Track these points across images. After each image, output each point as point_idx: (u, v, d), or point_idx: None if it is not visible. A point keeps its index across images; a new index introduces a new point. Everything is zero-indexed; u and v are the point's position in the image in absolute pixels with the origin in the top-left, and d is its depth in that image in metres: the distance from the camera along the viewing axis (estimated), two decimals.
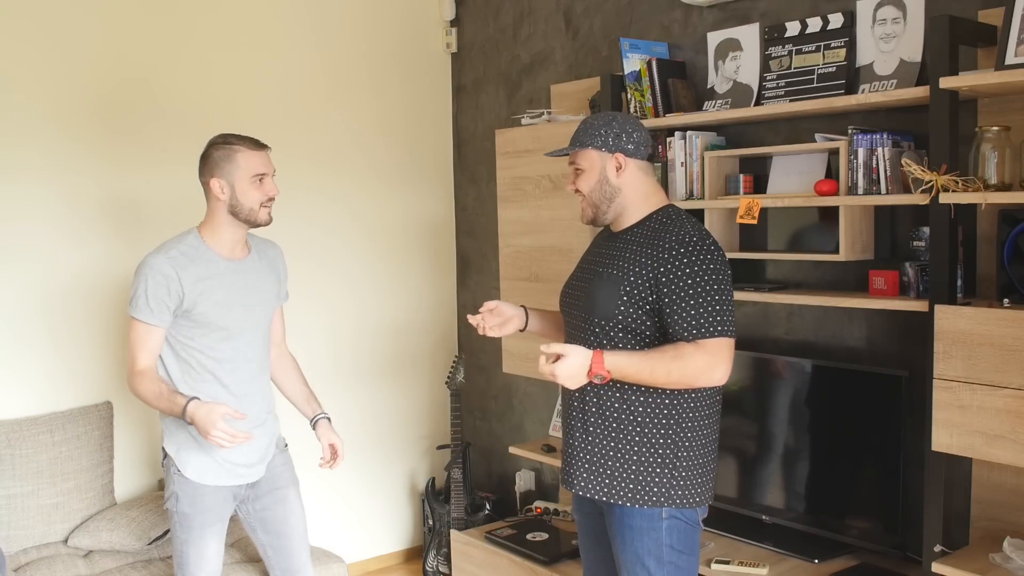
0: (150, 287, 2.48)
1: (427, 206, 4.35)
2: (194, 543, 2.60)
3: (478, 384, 4.37)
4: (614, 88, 3.26)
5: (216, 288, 2.56)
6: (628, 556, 2.17)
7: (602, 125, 2.20)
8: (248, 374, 2.65)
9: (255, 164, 2.56)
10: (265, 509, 2.75)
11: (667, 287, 2.08)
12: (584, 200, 2.25)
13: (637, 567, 2.16)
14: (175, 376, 2.56)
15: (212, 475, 2.59)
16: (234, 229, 2.60)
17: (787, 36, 2.83)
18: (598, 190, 2.21)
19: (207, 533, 2.61)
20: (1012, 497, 2.46)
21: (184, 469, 2.58)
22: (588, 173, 2.21)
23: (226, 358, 2.60)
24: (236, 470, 2.63)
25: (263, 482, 2.73)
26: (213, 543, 2.64)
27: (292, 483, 2.80)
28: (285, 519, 2.76)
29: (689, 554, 2.19)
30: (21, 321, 3.29)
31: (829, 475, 2.84)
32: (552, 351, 2.02)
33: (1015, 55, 2.19)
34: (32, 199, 3.29)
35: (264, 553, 2.81)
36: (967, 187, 2.25)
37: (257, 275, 2.68)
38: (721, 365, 2.06)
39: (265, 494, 2.73)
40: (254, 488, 2.73)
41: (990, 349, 2.17)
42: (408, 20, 4.23)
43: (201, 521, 2.60)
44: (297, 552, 2.79)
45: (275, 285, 2.76)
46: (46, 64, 3.29)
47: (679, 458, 2.15)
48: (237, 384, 2.63)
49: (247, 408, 2.60)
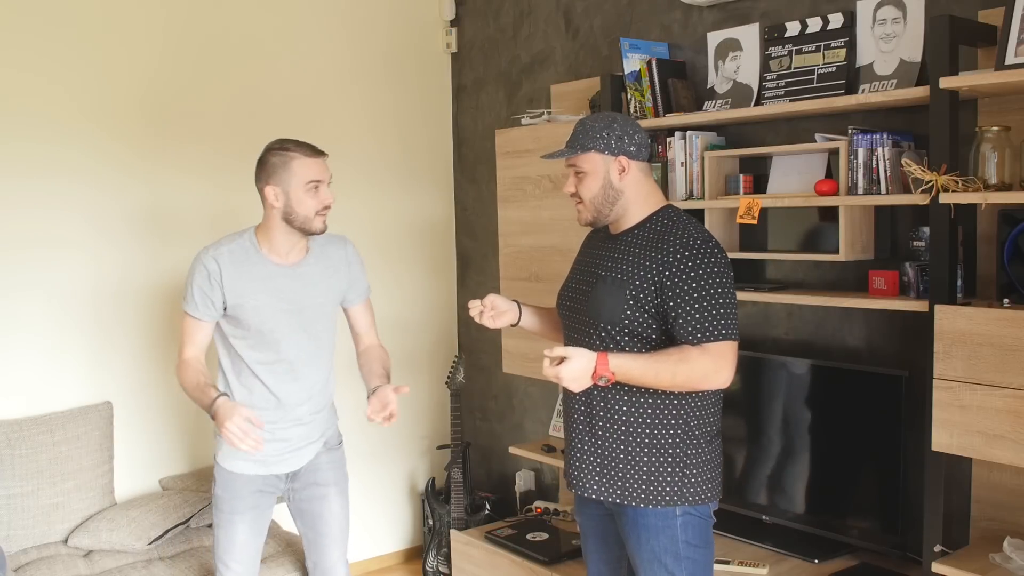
0: (196, 281, 2.56)
1: (427, 206, 4.34)
2: (224, 527, 2.67)
3: (478, 384, 4.37)
4: (614, 88, 3.26)
5: (258, 292, 2.57)
6: (645, 555, 2.18)
7: (603, 127, 2.17)
8: (290, 375, 2.64)
9: (311, 171, 2.53)
10: (303, 502, 2.77)
11: (672, 291, 2.07)
12: (583, 203, 2.23)
13: (655, 565, 2.16)
14: (227, 371, 2.65)
15: (241, 464, 2.65)
16: (288, 235, 2.59)
17: (787, 36, 2.83)
18: (601, 194, 2.19)
19: (236, 519, 2.66)
20: (1012, 497, 2.46)
21: (218, 454, 2.67)
22: (591, 176, 2.19)
23: (266, 360, 2.62)
24: (266, 459, 2.66)
25: (304, 474, 2.74)
26: (242, 531, 2.67)
27: (335, 482, 2.78)
28: (321, 516, 2.77)
29: (705, 548, 2.20)
30: (21, 321, 3.29)
31: (829, 475, 2.84)
32: (556, 354, 2.01)
33: (1015, 55, 2.19)
34: (32, 197, 3.29)
35: (304, 541, 2.85)
36: (967, 187, 2.25)
37: (310, 279, 2.65)
38: (726, 368, 2.06)
39: (305, 487, 2.75)
40: (294, 480, 2.75)
41: (990, 349, 2.17)
42: (408, 20, 4.23)
43: (231, 507, 2.66)
44: (329, 550, 2.80)
45: (336, 285, 2.71)
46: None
47: (689, 456, 2.15)
48: (278, 384, 2.63)
49: (290, 409, 2.65)
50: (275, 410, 2.64)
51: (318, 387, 2.72)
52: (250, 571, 2.73)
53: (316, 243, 2.70)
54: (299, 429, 2.69)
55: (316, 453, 2.75)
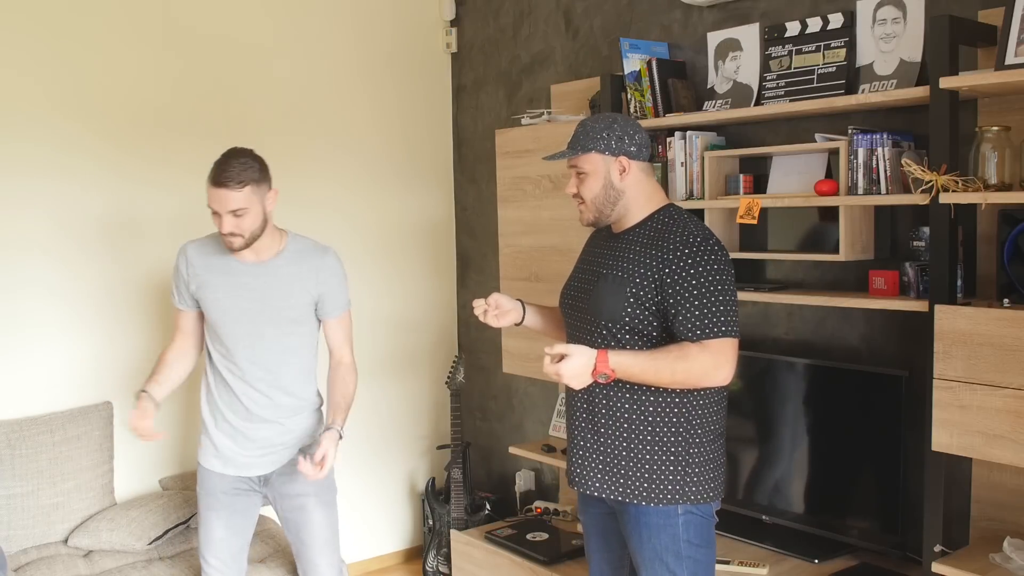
0: (176, 270, 2.71)
1: (427, 206, 4.34)
2: (202, 522, 2.76)
3: (478, 384, 4.37)
4: (614, 88, 3.26)
5: (219, 285, 2.60)
6: (647, 554, 2.18)
7: (604, 128, 2.18)
8: (249, 374, 2.64)
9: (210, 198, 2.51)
10: (285, 510, 2.78)
11: (672, 288, 2.08)
12: (585, 203, 2.24)
13: (656, 564, 2.17)
14: (206, 368, 2.74)
15: (212, 461, 2.72)
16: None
17: (787, 36, 2.83)
18: (603, 194, 2.20)
19: (210, 516, 2.72)
20: (1012, 497, 2.46)
21: (198, 452, 2.77)
22: (592, 177, 2.20)
23: (224, 355, 2.66)
24: (236, 459, 2.69)
25: (279, 483, 2.73)
26: (218, 527, 2.70)
27: (315, 492, 2.73)
28: (304, 526, 2.76)
29: (707, 547, 2.20)
30: (21, 321, 3.29)
31: (829, 475, 2.84)
32: (556, 351, 2.03)
33: (1015, 55, 2.19)
34: (32, 197, 3.29)
35: (292, 547, 2.86)
36: (967, 187, 2.25)
37: (278, 278, 2.63)
38: (726, 365, 2.07)
39: (283, 497, 2.75)
40: (269, 487, 2.76)
41: (990, 349, 2.17)
42: (408, 20, 4.23)
43: (206, 503, 2.74)
44: (314, 560, 2.79)
45: (306, 288, 2.67)
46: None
47: (691, 455, 2.16)
48: (236, 382, 2.65)
49: (252, 410, 2.66)
50: (237, 410, 2.66)
51: (284, 390, 2.68)
52: (232, 568, 2.75)
53: (296, 245, 2.69)
54: (263, 432, 2.67)
55: (289, 459, 2.70)
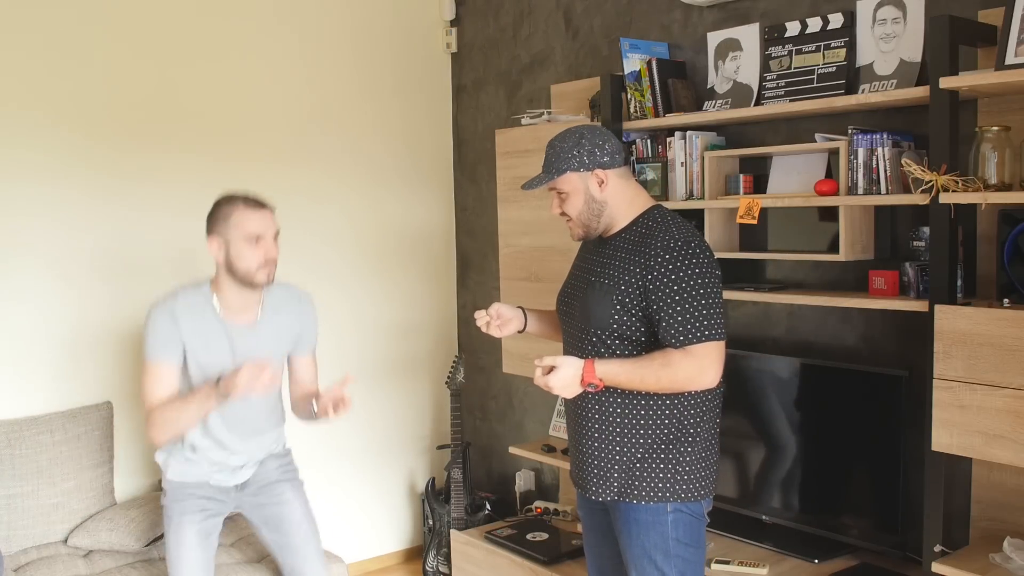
0: (157, 329, 2.56)
1: (427, 206, 4.34)
2: (173, 531, 2.69)
3: (478, 384, 4.37)
4: (614, 88, 3.25)
5: (212, 352, 2.59)
6: (635, 551, 2.18)
7: (573, 146, 2.19)
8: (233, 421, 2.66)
9: (251, 224, 2.51)
10: (263, 507, 2.79)
11: (655, 295, 2.09)
12: (572, 220, 2.26)
13: (644, 562, 2.17)
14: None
15: (193, 475, 2.70)
16: (239, 291, 2.59)
17: (787, 36, 2.83)
18: (586, 209, 2.22)
19: (184, 521, 2.68)
20: (1012, 497, 2.46)
21: (167, 472, 2.73)
22: (572, 196, 2.22)
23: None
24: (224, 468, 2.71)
25: (253, 482, 2.79)
26: (189, 532, 2.68)
27: (288, 481, 2.82)
28: (286, 516, 2.78)
29: (696, 547, 2.20)
30: (21, 321, 3.29)
31: (829, 475, 2.84)
32: (545, 364, 2.08)
33: (1015, 55, 2.19)
34: (32, 200, 3.29)
35: (274, 553, 2.85)
36: (967, 187, 2.25)
37: (264, 338, 2.65)
38: (710, 369, 2.07)
39: (259, 492, 2.79)
40: (243, 490, 2.78)
41: (990, 349, 2.17)
42: (408, 20, 4.23)
43: (180, 509, 2.70)
44: (302, 549, 2.79)
45: (288, 338, 2.73)
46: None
47: (682, 453, 2.16)
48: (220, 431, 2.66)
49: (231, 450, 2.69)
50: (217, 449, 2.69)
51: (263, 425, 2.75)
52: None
53: (272, 297, 2.68)
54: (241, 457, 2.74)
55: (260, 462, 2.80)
